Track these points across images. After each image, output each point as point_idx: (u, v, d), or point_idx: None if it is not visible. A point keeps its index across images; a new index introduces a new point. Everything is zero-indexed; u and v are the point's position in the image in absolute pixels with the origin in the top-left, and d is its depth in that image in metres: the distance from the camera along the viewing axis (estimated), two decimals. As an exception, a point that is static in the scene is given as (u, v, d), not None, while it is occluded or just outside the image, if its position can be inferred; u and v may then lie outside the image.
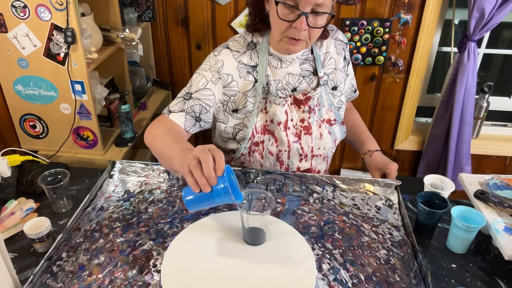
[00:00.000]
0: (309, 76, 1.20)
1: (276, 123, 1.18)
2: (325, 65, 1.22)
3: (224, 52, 1.17)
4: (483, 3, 1.82)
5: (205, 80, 1.16)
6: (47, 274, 0.99)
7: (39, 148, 1.68)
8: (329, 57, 1.22)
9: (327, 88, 1.21)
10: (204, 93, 1.16)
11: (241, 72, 1.16)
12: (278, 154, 1.21)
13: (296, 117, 1.19)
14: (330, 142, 1.24)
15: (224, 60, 1.16)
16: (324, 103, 1.21)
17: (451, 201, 1.14)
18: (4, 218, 1.16)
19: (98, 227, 1.13)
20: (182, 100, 1.18)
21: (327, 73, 1.22)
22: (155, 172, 1.32)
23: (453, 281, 1.01)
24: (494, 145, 2.30)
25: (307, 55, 1.19)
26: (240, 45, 1.17)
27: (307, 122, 1.20)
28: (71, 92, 1.54)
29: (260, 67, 1.15)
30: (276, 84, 1.18)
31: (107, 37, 1.71)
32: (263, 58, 1.15)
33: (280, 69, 1.17)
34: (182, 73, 2.34)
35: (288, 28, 1.05)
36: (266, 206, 1.01)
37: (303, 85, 1.19)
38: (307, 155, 1.23)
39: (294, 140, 1.20)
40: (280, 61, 1.17)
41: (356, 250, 1.08)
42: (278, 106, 1.17)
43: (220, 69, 1.15)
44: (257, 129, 1.19)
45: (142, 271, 1.00)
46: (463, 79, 2.00)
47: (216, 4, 2.10)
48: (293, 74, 1.18)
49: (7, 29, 1.44)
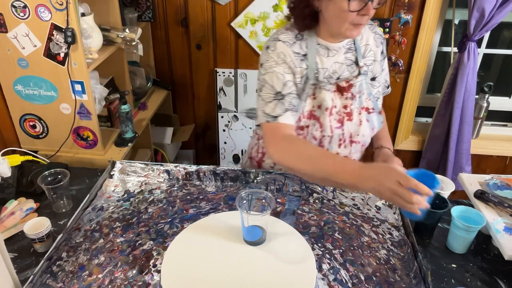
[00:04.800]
0: (351, 65, 1.24)
1: (323, 109, 1.21)
2: (365, 56, 1.27)
3: (278, 44, 1.19)
4: (483, 3, 1.82)
5: (281, 75, 1.18)
6: (47, 274, 0.99)
7: (39, 148, 1.68)
8: (369, 49, 1.27)
9: (366, 78, 1.26)
10: (289, 85, 1.18)
11: (296, 60, 1.19)
12: (321, 139, 1.23)
13: (340, 103, 1.23)
14: (368, 129, 1.27)
15: (283, 51, 1.18)
16: (364, 91, 1.25)
17: (451, 201, 1.14)
18: (4, 218, 1.16)
19: (98, 227, 1.13)
20: (277, 101, 1.17)
21: (367, 64, 1.27)
22: (155, 172, 1.32)
23: (453, 281, 1.01)
24: (494, 145, 2.30)
25: (351, 45, 1.24)
26: (290, 36, 1.20)
27: (350, 109, 1.23)
28: (71, 92, 1.54)
29: (310, 55, 1.19)
30: (324, 72, 1.22)
31: (107, 37, 1.71)
32: (311, 47, 1.19)
33: (327, 58, 1.21)
34: (182, 73, 2.34)
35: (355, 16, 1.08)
36: (266, 206, 1.01)
37: (346, 74, 1.24)
38: (345, 140, 1.26)
39: (336, 126, 1.23)
40: (328, 50, 1.21)
41: (356, 250, 1.07)
42: (327, 92, 1.20)
43: (285, 59, 1.18)
44: (304, 113, 1.22)
45: (142, 271, 1.00)
46: (463, 79, 2.00)
47: (216, 4, 2.10)
48: (338, 62, 1.22)
49: (7, 29, 1.44)
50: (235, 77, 2.28)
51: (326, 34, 1.18)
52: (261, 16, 2.08)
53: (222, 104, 2.37)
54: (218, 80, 2.30)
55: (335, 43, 1.20)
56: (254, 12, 2.08)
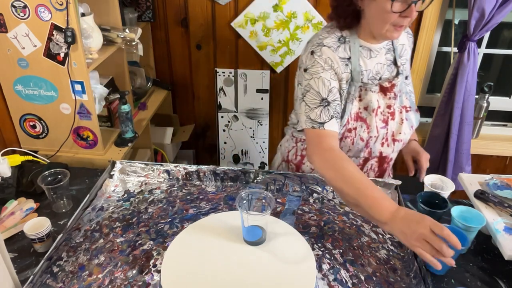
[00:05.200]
0: (390, 65, 1.26)
1: (370, 110, 1.22)
2: (401, 55, 1.29)
3: (324, 50, 1.18)
4: (483, 3, 1.82)
5: (327, 81, 1.17)
6: (47, 274, 0.99)
7: (39, 148, 1.68)
8: (404, 48, 1.29)
9: (402, 77, 1.28)
10: (334, 91, 1.18)
11: (341, 65, 1.19)
12: (368, 140, 1.24)
13: (383, 104, 1.25)
14: (408, 127, 1.29)
15: (330, 56, 1.18)
16: (403, 90, 1.28)
17: (451, 201, 1.14)
18: (4, 218, 1.16)
19: (98, 227, 1.13)
20: (323, 107, 1.17)
21: (402, 64, 1.29)
22: (155, 172, 1.32)
23: (453, 281, 1.01)
24: (494, 145, 2.30)
25: (389, 45, 1.26)
26: (334, 41, 1.20)
27: (393, 108, 1.25)
28: (71, 92, 1.54)
29: (353, 57, 1.20)
30: (368, 74, 1.23)
31: (107, 37, 1.71)
32: (354, 49, 1.20)
33: (370, 60, 1.22)
34: (182, 73, 2.34)
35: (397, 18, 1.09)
36: (266, 206, 1.01)
37: (386, 74, 1.26)
38: (387, 139, 1.27)
39: (382, 126, 1.25)
40: (370, 51, 1.22)
41: (356, 250, 1.07)
42: (374, 94, 1.22)
43: (332, 65, 1.18)
44: (351, 116, 1.23)
45: (142, 271, 1.00)
46: (463, 79, 2.00)
47: (216, 4, 2.10)
48: (380, 63, 1.24)
49: (7, 29, 1.44)
50: (235, 77, 2.28)
51: (367, 35, 1.19)
52: (261, 16, 2.08)
53: (222, 104, 2.37)
54: (218, 80, 2.30)
55: (376, 43, 1.21)
56: (254, 12, 2.08)
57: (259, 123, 2.40)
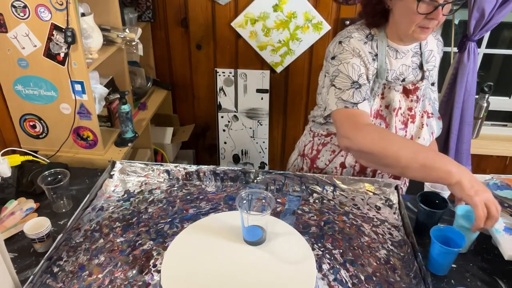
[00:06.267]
0: (416, 69, 1.26)
1: (391, 109, 1.23)
2: (428, 61, 1.29)
3: (352, 40, 1.19)
4: (483, 3, 1.82)
5: (357, 65, 1.17)
6: (47, 274, 0.99)
7: (39, 148, 1.68)
8: (433, 55, 1.29)
9: (428, 83, 1.28)
10: (363, 77, 1.18)
11: (368, 59, 1.20)
12: None
13: (405, 105, 1.25)
14: (428, 133, 1.28)
15: (357, 46, 1.19)
16: (427, 95, 1.28)
17: (451, 201, 1.14)
18: (4, 218, 1.16)
19: (98, 227, 1.13)
20: (355, 89, 1.16)
21: (429, 69, 1.29)
22: (155, 172, 1.32)
23: (453, 281, 1.01)
24: (494, 145, 2.30)
25: (417, 49, 1.26)
26: (362, 36, 1.21)
27: (414, 111, 1.25)
28: (71, 92, 1.54)
29: (380, 55, 1.20)
30: (392, 74, 1.23)
31: (107, 37, 1.71)
32: (381, 47, 1.20)
33: (396, 60, 1.23)
34: (182, 73, 2.34)
35: (423, 19, 1.09)
36: (266, 206, 1.01)
37: (411, 77, 1.26)
38: None
39: (401, 127, 1.25)
40: (396, 52, 1.22)
41: (356, 250, 1.07)
42: (397, 93, 1.22)
43: (360, 53, 1.18)
44: (371, 112, 1.23)
45: (142, 271, 1.00)
46: (463, 79, 2.00)
47: (216, 4, 2.10)
48: (406, 65, 1.24)
49: (7, 29, 1.44)
50: (235, 77, 2.28)
51: (395, 36, 1.20)
52: (261, 16, 2.08)
53: (222, 104, 2.37)
54: (218, 80, 2.30)
55: (404, 45, 1.22)
56: (254, 12, 2.08)
57: (259, 123, 2.40)
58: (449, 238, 1.02)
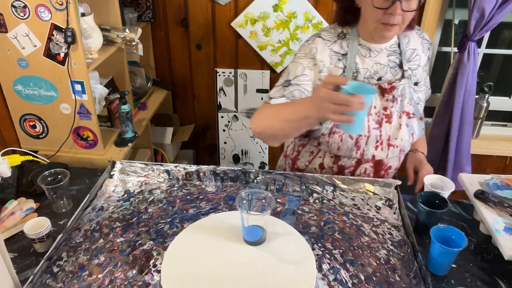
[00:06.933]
0: (394, 68, 1.25)
1: None
2: (410, 60, 1.27)
3: (317, 40, 1.22)
4: (483, 3, 1.82)
5: (302, 67, 1.21)
6: (47, 274, 0.99)
7: (39, 148, 1.68)
8: (416, 54, 1.28)
9: (410, 82, 1.27)
10: (302, 78, 1.20)
11: (332, 59, 1.21)
12: (357, 139, 1.24)
13: (379, 104, 1.24)
14: (407, 134, 1.27)
15: (317, 47, 1.21)
16: (406, 95, 1.26)
17: (451, 201, 1.14)
18: (4, 218, 1.16)
19: (98, 227, 1.13)
20: (282, 87, 1.21)
21: (412, 69, 1.27)
22: (155, 172, 1.32)
23: (453, 281, 1.01)
24: (494, 145, 2.30)
25: (395, 48, 1.24)
26: (332, 35, 1.22)
27: (389, 111, 1.24)
28: (71, 92, 1.54)
29: (350, 54, 1.20)
30: (364, 73, 1.23)
31: (107, 37, 1.71)
32: (352, 46, 1.20)
33: (369, 58, 1.22)
34: (182, 73, 2.34)
35: (382, 15, 1.09)
36: (266, 206, 1.01)
37: (388, 76, 1.25)
38: (383, 143, 1.25)
39: (374, 127, 1.24)
40: (369, 51, 1.22)
41: (356, 250, 1.07)
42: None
43: (315, 55, 1.20)
44: None
45: (142, 271, 1.00)
46: (463, 79, 2.00)
47: (216, 4, 2.10)
48: (380, 64, 1.23)
49: (7, 29, 1.44)
50: (235, 77, 2.28)
51: (367, 34, 1.20)
52: (261, 16, 2.08)
53: (222, 104, 2.37)
54: (218, 80, 2.30)
55: (376, 44, 1.21)
56: (254, 12, 2.08)
57: (259, 123, 2.40)
58: (449, 238, 1.02)
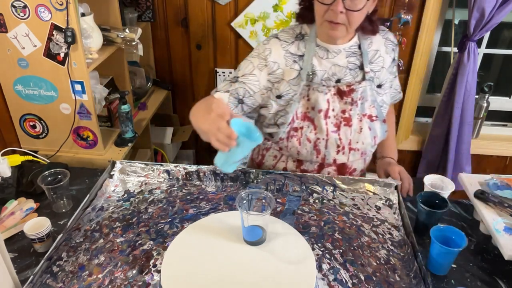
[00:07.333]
0: (354, 69, 1.22)
1: (316, 110, 1.20)
2: (373, 62, 1.24)
3: (273, 41, 1.21)
4: (483, 3, 1.82)
5: (252, 66, 1.21)
6: (47, 274, 0.99)
7: (39, 148, 1.68)
8: (378, 55, 1.24)
9: (372, 84, 1.23)
10: (249, 78, 1.20)
11: (287, 61, 1.20)
12: (315, 142, 1.22)
13: (338, 107, 1.21)
14: (369, 137, 1.24)
15: (272, 48, 1.20)
16: (368, 98, 1.22)
17: (451, 201, 1.14)
18: (4, 218, 1.16)
19: (98, 227, 1.13)
20: (229, 82, 1.22)
21: (374, 70, 1.24)
22: (155, 172, 1.32)
23: (453, 281, 1.01)
24: (494, 145, 2.30)
25: (355, 49, 1.22)
26: (289, 36, 1.21)
27: (348, 114, 1.22)
28: (71, 92, 1.54)
29: (306, 56, 1.19)
30: (322, 74, 1.21)
31: (107, 37, 1.71)
32: (310, 47, 1.19)
33: (327, 60, 1.20)
34: (182, 73, 2.34)
35: (326, 12, 1.08)
36: (266, 206, 1.01)
37: (348, 78, 1.22)
38: (344, 147, 1.24)
39: (333, 130, 1.22)
40: (327, 52, 1.20)
41: (356, 250, 1.07)
42: (321, 94, 1.19)
43: (267, 56, 1.19)
44: (297, 114, 1.21)
45: (142, 271, 1.00)
46: (463, 79, 2.00)
47: (216, 4, 2.10)
48: (339, 65, 1.21)
49: (7, 29, 1.44)
50: (235, 77, 2.28)
51: (324, 35, 1.18)
52: (261, 16, 2.08)
53: (222, 104, 2.36)
54: (218, 80, 2.30)
55: (335, 45, 1.19)
56: (254, 12, 2.08)
57: (259, 123, 2.40)
58: (449, 238, 1.02)
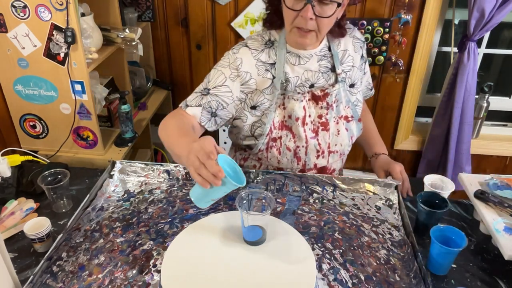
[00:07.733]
0: (327, 72, 1.20)
1: (294, 119, 1.18)
2: (343, 62, 1.22)
3: (243, 50, 1.17)
4: (483, 3, 1.82)
5: (224, 77, 1.16)
6: (47, 274, 0.99)
7: (39, 148, 1.68)
8: (347, 54, 1.23)
9: (345, 85, 1.22)
10: (222, 89, 1.17)
11: (259, 70, 1.17)
12: (295, 150, 1.22)
13: (314, 113, 1.20)
14: (347, 138, 1.24)
15: (242, 57, 1.16)
16: (342, 99, 1.21)
17: (451, 201, 1.14)
18: (4, 218, 1.16)
19: (98, 227, 1.13)
20: (200, 95, 1.19)
21: (345, 71, 1.22)
22: (155, 172, 1.32)
23: (453, 281, 1.01)
24: (494, 145, 2.30)
25: (325, 51, 1.20)
26: (258, 44, 1.18)
27: (325, 118, 1.20)
28: (71, 92, 1.54)
29: (278, 63, 1.16)
30: (295, 81, 1.19)
31: (107, 37, 1.71)
32: (280, 54, 1.16)
33: (298, 66, 1.18)
34: (182, 73, 2.34)
35: (295, 18, 1.06)
36: (266, 206, 1.01)
37: (321, 82, 1.20)
38: (324, 151, 1.23)
39: (311, 136, 1.21)
40: (298, 58, 1.17)
41: (356, 250, 1.07)
42: (296, 102, 1.17)
43: (239, 66, 1.16)
44: (275, 124, 1.20)
45: (142, 271, 1.00)
46: (463, 79, 2.00)
47: (216, 4, 2.10)
48: (311, 70, 1.19)
49: (7, 29, 1.44)
50: (235, 77, 2.28)
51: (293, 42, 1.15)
52: (261, 16, 2.08)
53: (222, 104, 2.36)
54: (218, 80, 2.30)
55: (305, 50, 1.16)
56: (254, 12, 2.08)
57: (259, 123, 2.39)
58: (449, 238, 1.02)
